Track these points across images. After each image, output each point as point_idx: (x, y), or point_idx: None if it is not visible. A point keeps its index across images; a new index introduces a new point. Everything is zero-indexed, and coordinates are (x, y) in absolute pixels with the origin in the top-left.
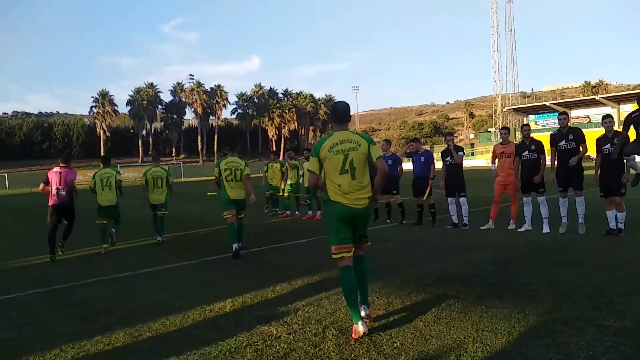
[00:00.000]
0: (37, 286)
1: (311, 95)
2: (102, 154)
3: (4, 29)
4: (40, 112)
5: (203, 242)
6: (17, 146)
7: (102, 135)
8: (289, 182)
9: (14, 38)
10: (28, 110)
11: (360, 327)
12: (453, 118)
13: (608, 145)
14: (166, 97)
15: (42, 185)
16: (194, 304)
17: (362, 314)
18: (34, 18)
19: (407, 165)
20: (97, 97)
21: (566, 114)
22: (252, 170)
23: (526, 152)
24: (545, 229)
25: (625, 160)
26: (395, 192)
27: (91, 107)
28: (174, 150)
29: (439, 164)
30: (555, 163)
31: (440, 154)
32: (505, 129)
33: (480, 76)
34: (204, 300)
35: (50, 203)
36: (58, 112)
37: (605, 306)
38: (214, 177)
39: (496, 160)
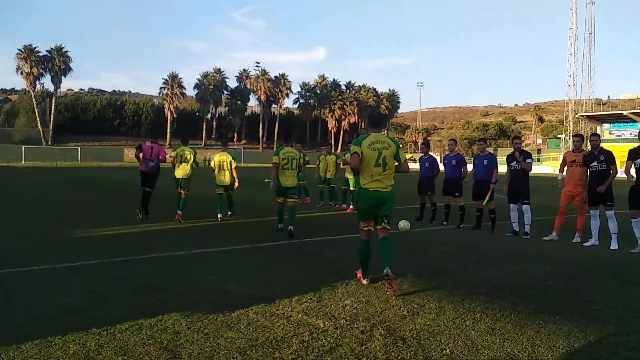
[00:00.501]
0: (99, 257)
1: (374, 89)
2: (168, 134)
3: (85, 10)
4: (113, 91)
5: (257, 228)
6: (90, 121)
7: (169, 116)
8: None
9: (94, 19)
10: (103, 88)
11: (364, 281)
12: (521, 121)
13: None
14: (232, 82)
15: (135, 151)
16: (244, 289)
17: (385, 271)
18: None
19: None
20: (167, 79)
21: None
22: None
23: (595, 163)
24: (614, 245)
25: None
26: (457, 194)
27: (160, 88)
28: (235, 135)
29: (502, 168)
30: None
31: (505, 157)
32: (578, 136)
33: (553, 79)
34: (254, 285)
35: (141, 169)
36: (130, 92)
37: None
38: (271, 165)
39: (565, 168)
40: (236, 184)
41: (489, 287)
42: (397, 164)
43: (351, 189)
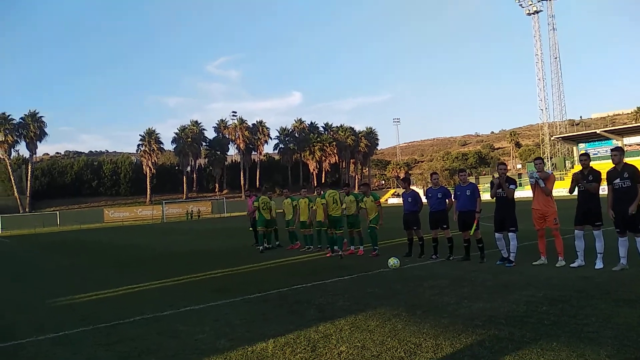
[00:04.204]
0: (84, 324)
1: (351, 128)
2: (148, 190)
3: (59, 70)
4: (90, 151)
5: (243, 280)
6: (68, 185)
7: (148, 172)
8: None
9: (67, 82)
10: (79, 150)
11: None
12: (499, 148)
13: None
14: (210, 133)
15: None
16: (236, 345)
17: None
18: (87, 59)
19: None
20: (144, 135)
21: (621, 150)
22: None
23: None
24: (599, 264)
25: None
26: (445, 226)
27: (138, 145)
28: (217, 185)
29: (485, 196)
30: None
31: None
32: (538, 160)
33: (526, 105)
34: (246, 340)
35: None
36: (107, 151)
37: None
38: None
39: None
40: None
41: (484, 319)
42: None
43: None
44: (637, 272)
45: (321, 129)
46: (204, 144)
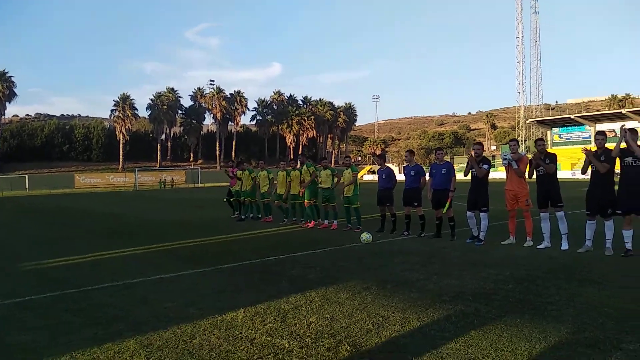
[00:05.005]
0: (52, 289)
1: (330, 103)
2: (121, 157)
3: (32, 32)
4: (62, 115)
5: (216, 250)
6: (38, 148)
7: (121, 138)
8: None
9: (40, 41)
10: (51, 113)
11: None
12: (475, 129)
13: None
14: (186, 102)
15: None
16: (206, 314)
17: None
18: (62, 22)
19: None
20: (118, 100)
21: (604, 134)
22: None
23: (541, 167)
24: (564, 245)
25: None
26: (416, 203)
27: (112, 110)
28: (192, 155)
29: (459, 175)
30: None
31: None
32: (513, 141)
33: (504, 87)
34: (216, 309)
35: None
36: (79, 115)
37: (632, 329)
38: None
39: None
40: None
41: (452, 294)
42: None
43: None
44: (601, 254)
45: (300, 102)
46: (179, 112)
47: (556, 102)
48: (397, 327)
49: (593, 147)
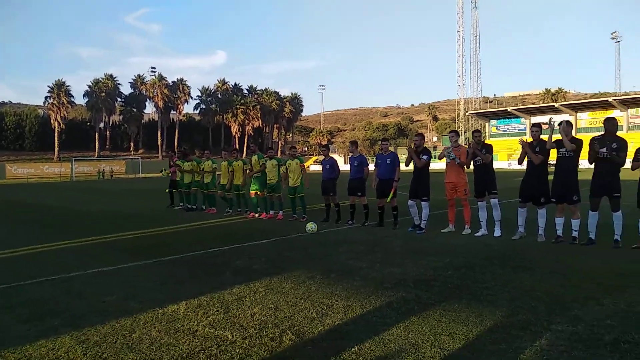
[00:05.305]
0: None
1: (276, 93)
2: (56, 146)
3: None
4: None
5: (157, 242)
6: None
7: (56, 127)
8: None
9: None
10: None
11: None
12: (417, 120)
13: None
14: (126, 89)
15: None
16: (146, 307)
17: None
18: None
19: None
20: (53, 87)
21: (539, 126)
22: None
23: (478, 157)
24: (497, 232)
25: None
26: (360, 193)
27: (46, 97)
28: (132, 144)
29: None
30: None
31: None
32: (452, 132)
33: (445, 80)
34: (157, 302)
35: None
36: (10, 102)
37: (560, 311)
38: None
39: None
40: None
41: (394, 282)
42: None
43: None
44: (533, 241)
45: (245, 91)
46: (119, 99)
47: (494, 95)
48: (340, 315)
49: (529, 138)
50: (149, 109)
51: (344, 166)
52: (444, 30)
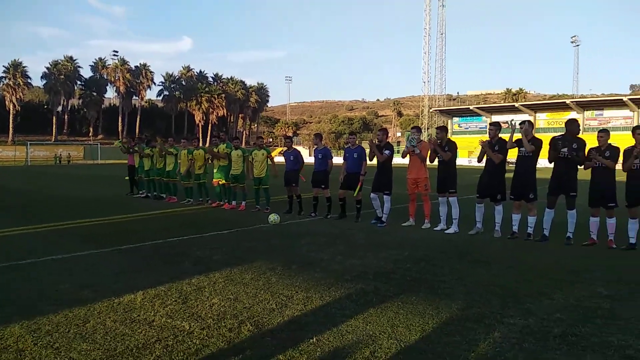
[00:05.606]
0: None
1: (242, 82)
2: (10, 129)
3: None
4: None
5: (116, 230)
6: None
7: (11, 109)
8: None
9: None
10: None
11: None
12: (382, 115)
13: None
14: (86, 72)
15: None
16: (102, 296)
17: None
18: None
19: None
20: (9, 67)
21: (497, 125)
22: None
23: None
24: (454, 228)
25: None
26: (323, 186)
27: (1, 78)
28: (91, 129)
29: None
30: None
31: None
32: (415, 128)
33: (411, 77)
34: (113, 291)
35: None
36: None
37: (513, 305)
38: None
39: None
40: None
41: (354, 274)
42: None
43: (222, 182)
44: (490, 236)
45: (210, 79)
46: (78, 82)
47: (457, 93)
48: (300, 307)
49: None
50: (110, 93)
51: (308, 158)
52: (410, 27)
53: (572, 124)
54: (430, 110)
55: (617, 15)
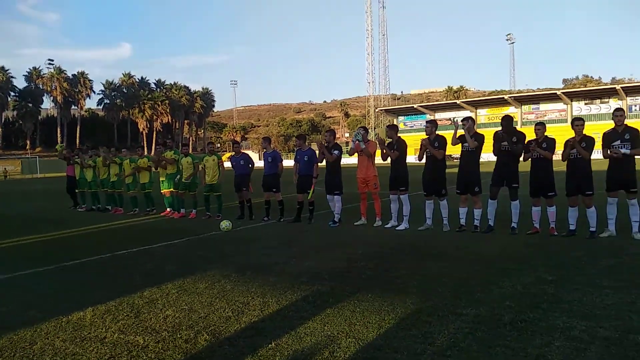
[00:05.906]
0: None
1: (186, 87)
2: None
3: None
4: None
5: (59, 246)
6: None
7: None
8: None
9: None
10: None
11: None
12: (330, 117)
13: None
14: (20, 82)
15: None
16: (49, 316)
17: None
18: None
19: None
20: None
21: (433, 122)
22: None
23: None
24: (404, 224)
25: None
26: (275, 189)
27: None
28: (28, 142)
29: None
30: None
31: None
32: (362, 128)
33: (356, 77)
34: (60, 310)
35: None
36: None
37: (465, 296)
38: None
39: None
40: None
41: (309, 275)
42: None
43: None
44: (439, 230)
45: (153, 85)
46: (12, 94)
47: (401, 92)
48: (256, 312)
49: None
50: (47, 104)
51: (258, 162)
52: (354, 29)
53: (506, 120)
54: (376, 110)
55: (548, 12)
